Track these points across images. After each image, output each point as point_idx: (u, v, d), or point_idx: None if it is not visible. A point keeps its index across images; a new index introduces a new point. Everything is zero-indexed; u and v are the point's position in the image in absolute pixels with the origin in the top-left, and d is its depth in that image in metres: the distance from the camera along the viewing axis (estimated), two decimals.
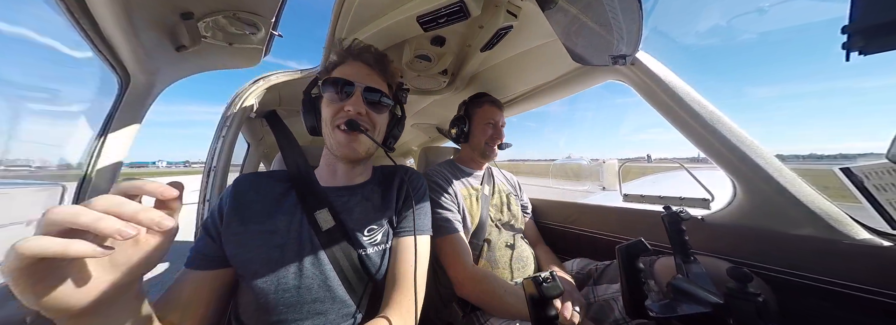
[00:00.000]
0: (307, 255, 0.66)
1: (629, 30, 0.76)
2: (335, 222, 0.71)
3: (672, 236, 0.76)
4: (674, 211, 0.78)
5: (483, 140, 1.24)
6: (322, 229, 0.69)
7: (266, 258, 0.64)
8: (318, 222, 0.70)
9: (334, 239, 0.69)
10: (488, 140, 1.23)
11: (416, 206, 0.81)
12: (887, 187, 0.72)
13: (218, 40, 0.87)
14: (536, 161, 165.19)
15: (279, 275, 0.63)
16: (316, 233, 0.69)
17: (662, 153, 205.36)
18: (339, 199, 0.76)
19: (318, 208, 0.71)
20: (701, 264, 0.71)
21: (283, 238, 0.67)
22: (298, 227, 0.69)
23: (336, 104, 0.73)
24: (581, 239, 1.38)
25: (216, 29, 0.84)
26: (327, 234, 0.69)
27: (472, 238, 1.11)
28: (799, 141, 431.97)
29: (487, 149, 1.24)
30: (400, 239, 0.76)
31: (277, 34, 0.93)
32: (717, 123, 0.87)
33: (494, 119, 1.25)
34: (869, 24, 0.39)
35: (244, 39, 0.88)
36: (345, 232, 0.71)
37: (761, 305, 0.47)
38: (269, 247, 0.65)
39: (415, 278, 0.70)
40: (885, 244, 0.72)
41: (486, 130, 1.24)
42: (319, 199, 0.74)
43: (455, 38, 1.12)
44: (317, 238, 0.69)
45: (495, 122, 1.25)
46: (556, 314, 0.51)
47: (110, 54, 0.85)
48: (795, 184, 0.81)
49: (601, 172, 5.80)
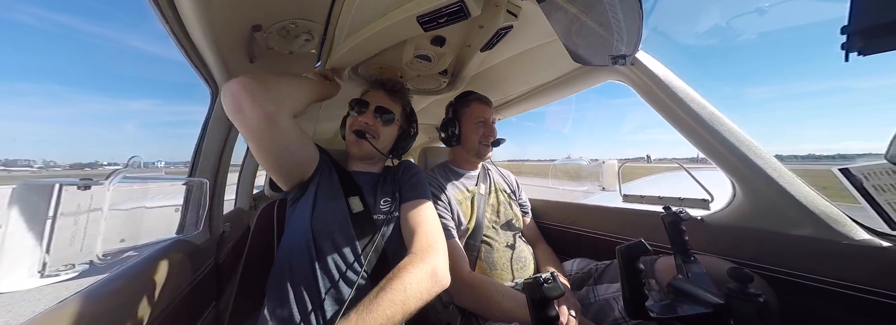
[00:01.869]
0: (341, 226, 0.86)
1: (629, 30, 0.76)
2: (363, 208, 0.90)
3: (672, 236, 0.76)
4: (673, 211, 0.78)
5: (476, 140, 1.22)
6: (353, 212, 0.88)
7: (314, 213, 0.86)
8: (349, 205, 0.90)
9: (359, 219, 0.88)
10: (481, 139, 1.21)
11: (411, 182, 1.00)
12: (886, 188, 0.72)
13: (281, 49, 0.97)
14: (537, 161, 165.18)
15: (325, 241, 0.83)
16: (349, 213, 0.88)
17: (662, 153, 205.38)
18: (361, 178, 1.00)
19: (352, 195, 0.92)
20: (701, 264, 0.71)
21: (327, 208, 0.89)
22: (342, 205, 0.90)
23: (355, 117, 1.01)
24: (581, 239, 1.38)
25: (279, 38, 0.92)
26: (355, 217, 0.88)
27: (470, 240, 1.11)
28: (798, 141, 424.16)
29: (481, 148, 1.22)
30: (404, 204, 0.94)
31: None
32: (717, 124, 0.87)
33: (484, 116, 1.23)
34: (868, 24, 0.39)
35: (301, 46, 0.97)
36: (368, 210, 0.91)
37: (762, 305, 0.47)
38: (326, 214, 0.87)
39: (428, 223, 0.87)
40: (884, 245, 0.72)
41: (478, 129, 1.22)
42: (351, 186, 0.94)
43: (455, 39, 1.12)
44: (350, 219, 0.87)
45: (485, 119, 1.23)
46: (556, 314, 0.51)
47: (203, 68, 0.99)
48: (795, 184, 0.81)
49: (601, 172, 5.77)
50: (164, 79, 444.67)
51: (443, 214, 1.06)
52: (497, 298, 0.88)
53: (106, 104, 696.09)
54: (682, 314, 0.55)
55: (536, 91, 1.51)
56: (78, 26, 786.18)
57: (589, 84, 1.26)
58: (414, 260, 0.72)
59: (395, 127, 1.04)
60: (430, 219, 0.88)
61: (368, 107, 0.99)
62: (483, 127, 1.22)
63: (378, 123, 0.99)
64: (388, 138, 1.03)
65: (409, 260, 0.73)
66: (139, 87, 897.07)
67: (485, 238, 1.12)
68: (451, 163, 1.31)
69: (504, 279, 1.06)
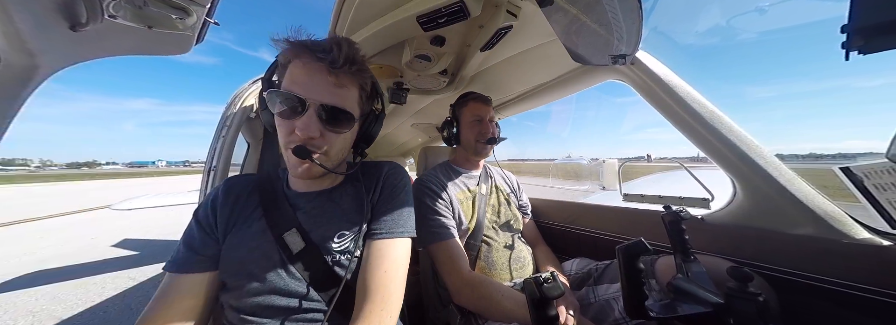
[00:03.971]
0: (278, 268, 0.64)
1: (629, 29, 0.76)
2: (304, 244, 0.65)
3: (672, 235, 0.76)
4: (674, 210, 0.78)
5: (472, 138, 1.22)
6: (293, 252, 0.64)
7: (242, 264, 0.64)
8: (287, 244, 0.65)
9: (306, 261, 0.65)
10: (477, 137, 1.22)
11: (390, 204, 0.74)
12: (887, 187, 0.72)
13: (131, 21, 0.73)
14: (537, 161, 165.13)
15: (254, 278, 0.63)
16: (288, 257, 0.65)
17: (662, 153, 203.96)
18: (308, 204, 0.72)
19: (286, 230, 0.66)
20: (701, 263, 0.71)
21: (256, 251, 0.65)
22: (272, 246, 0.66)
23: (286, 122, 0.62)
24: (581, 239, 1.38)
25: (130, 8, 0.70)
26: (299, 256, 0.65)
27: (470, 239, 1.11)
28: (798, 140, 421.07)
29: (479, 146, 1.22)
30: (373, 242, 0.68)
31: (213, 22, 0.84)
32: (717, 123, 0.87)
33: (479, 115, 1.22)
34: (868, 23, 0.39)
35: (168, 23, 0.74)
36: (314, 248, 0.66)
37: (762, 305, 0.47)
38: (247, 254, 0.65)
39: (389, 284, 0.64)
40: (884, 244, 0.72)
41: (473, 126, 1.22)
42: (285, 216, 0.68)
43: (455, 38, 1.12)
44: (287, 261, 0.65)
45: (481, 117, 1.22)
46: (556, 314, 0.51)
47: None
48: (795, 183, 0.81)
49: (601, 171, 5.80)
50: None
51: (443, 212, 1.06)
52: (496, 297, 0.88)
53: None
54: (682, 314, 0.55)
55: (536, 91, 1.51)
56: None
57: (589, 84, 1.26)
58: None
59: (351, 128, 0.69)
60: (392, 278, 0.65)
61: (306, 108, 0.61)
62: (478, 125, 1.22)
63: (326, 131, 0.63)
64: (342, 144, 0.69)
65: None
66: None
67: (485, 238, 1.13)
68: (453, 162, 1.31)
69: (503, 278, 1.06)
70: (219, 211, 0.69)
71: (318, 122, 0.62)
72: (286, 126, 0.63)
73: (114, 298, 2.90)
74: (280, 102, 0.61)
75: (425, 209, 1.05)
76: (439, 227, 1.02)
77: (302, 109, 0.61)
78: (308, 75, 0.61)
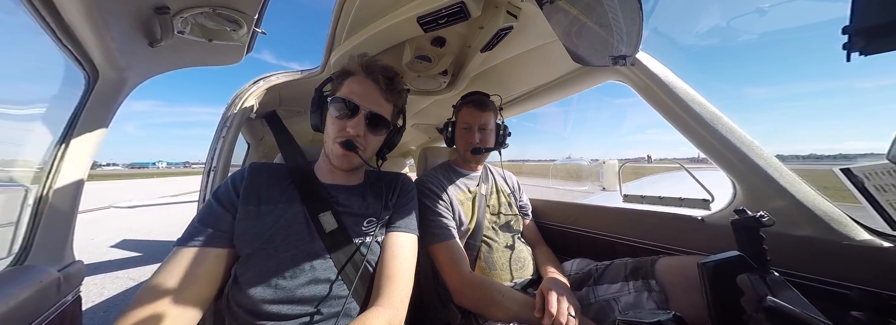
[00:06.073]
0: (307, 241, 0.73)
1: (629, 30, 0.76)
2: (337, 225, 0.77)
3: (748, 246, 0.60)
4: (750, 215, 0.61)
5: (461, 146, 1.22)
6: (325, 231, 0.75)
7: (271, 237, 0.70)
8: (321, 223, 0.75)
9: (336, 240, 0.76)
10: (466, 145, 1.19)
11: (405, 207, 0.90)
12: (887, 188, 0.72)
13: (195, 36, 0.83)
14: (538, 161, 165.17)
15: (281, 258, 0.70)
16: (319, 234, 0.75)
17: (663, 154, 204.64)
18: (339, 194, 0.84)
19: (322, 211, 0.77)
20: (785, 281, 0.56)
21: (287, 227, 0.73)
22: (304, 224, 0.75)
23: (340, 122, 0.79)
24: (581, 239, 1.38)
25: (194, 24, 0.80)
26: (330, 235, 0.75)
27: (470, 240, 1.11)
28: (799, 141, 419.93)
29: (466, 155, 1.21)
30: (391, 233, 0.83)
31: (261, 31, 0.89)
32: (718, 124, 0.87)
33: (469, 122, 1.19)
34: (870, 24, 0.39)
35: (224, 36, 0.84)
36: (345, 229, 0.77)
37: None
38: (276, 228, 0.72)
39: (406, 270, 0.77)
40: (885, 245, 0.72)
41: (463, 134, 1.20)
42: (322, 200, 0.80)
43: (455, 39, 1.12)
44: (319, 240, 0.74)
45: (470, 125, 1.18)
46: None
47: (76, 49, 0.79)
48: (795, 184, 0.81)
49: (601, 172, 5.79)
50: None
51: (444, 213, 1.06)
52: (497, 298, 0.88)
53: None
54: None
55: (537, 91, 1.51)
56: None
57: (589, 84, 1.26)
58: (381, 314, 0.66)
59: (384, 132, 0.86)
60: (407, 268, 0.78)
61: (358, 113, 0.78)
62: (467, 133, 1.19)
63: (368, 132, 0.80)
64: (375, 144, 0.86)
65: (379, 313, 0.66)
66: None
67: (485, 239, 1.13)
68: (454, 163, 1.31)
69: (503, 279, 1.06)
70: (243, 190, 0.76)
71: (364, 124, 0.78)
72: (339, 125, 0.79)
73: (114, 298, 2.90)
74: (340, 106, 0.78)
75: (426, 210, 1.05)
76: (440, 227, 1.02)
77: (354, 113, 0.78)
78: (364, 89, 0.79)
